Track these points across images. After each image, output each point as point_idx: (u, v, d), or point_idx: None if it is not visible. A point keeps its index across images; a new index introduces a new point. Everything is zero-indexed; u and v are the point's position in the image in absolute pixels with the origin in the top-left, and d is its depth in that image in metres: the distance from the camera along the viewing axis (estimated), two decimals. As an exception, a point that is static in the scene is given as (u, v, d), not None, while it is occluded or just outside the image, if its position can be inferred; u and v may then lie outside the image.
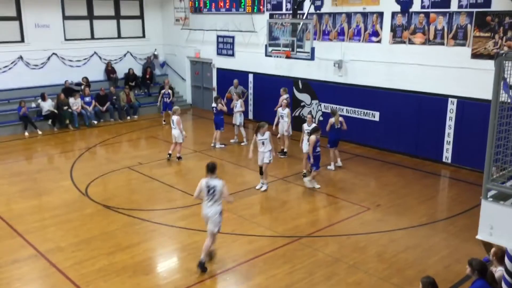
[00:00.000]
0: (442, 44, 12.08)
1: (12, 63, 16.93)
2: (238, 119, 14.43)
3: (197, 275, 7.23)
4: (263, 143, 10.49)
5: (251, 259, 7.73)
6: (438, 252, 7.98)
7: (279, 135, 13.35)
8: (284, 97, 13.69)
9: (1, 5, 16.52)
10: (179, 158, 12.89)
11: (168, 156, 13.00)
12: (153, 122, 17.40)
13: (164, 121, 17.22)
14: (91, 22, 18.81)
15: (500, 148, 4.38)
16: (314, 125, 11.75)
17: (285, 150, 13.27)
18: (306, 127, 11.47)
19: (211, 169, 7.44)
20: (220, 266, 7.54)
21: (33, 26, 17.20)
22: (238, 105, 14.42)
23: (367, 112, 13.84)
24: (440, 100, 12.23)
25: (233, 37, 17.64)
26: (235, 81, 16.20)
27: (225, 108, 14.09)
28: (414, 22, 12.54)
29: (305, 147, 11.20)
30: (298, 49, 13.29)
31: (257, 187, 10.80)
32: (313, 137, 10.55)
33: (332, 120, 11.93)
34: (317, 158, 10.66)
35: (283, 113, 13.07)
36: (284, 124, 13.06)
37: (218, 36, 18.20)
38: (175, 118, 12.77)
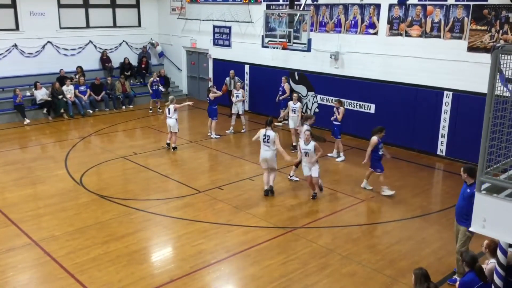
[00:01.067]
0: (439, 37, 12.08)
1: (6, 51, 16.78)
2: (240, 108, 14.60)
3: (191, 265, 7.26)
4: (306, 154, 9.57)
5: (245, 250, 7.76)
6: (431, 244, 8.04)
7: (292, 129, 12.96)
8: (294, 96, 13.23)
9: (-5, -8, 16.38)
10: (174, 148, 12.87)
11: (166, 145, 13.06)
12: (148, 112, 17.35)
13: (151, 109, 17.19)
14: (86, 10, 18.65)
15: (495, 142, 4.39)
16: (298, 103, 12.35)
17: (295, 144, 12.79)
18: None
19: (269, 123, 9.71)
20: (214, 256, 7.57)
21: (28, 14, 17.03)
22: (239, 95, 14.54)
23: (363, 105, 13.85)
24: (436, 93, 12.25)
25: (229, 28, 17.56)
26: (231, 72, 16.17)
27: (219, 93, 14.22)
28: (411, 15, 12.52)
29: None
30: (294, 41, 13.22)
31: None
32: (375, 138, 9.79)
33: (343, 109, 11.97)
34: (379, 159, 9.94)
35: (295, 107, 12.67)
36: (295, 118, 12.67)
37: (214, 26, 18.11)
38: (171, 107, 12.76)
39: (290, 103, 12.96)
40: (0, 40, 16.52)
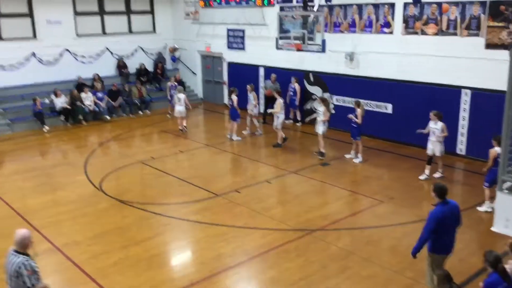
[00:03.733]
0: (455, 34, 11.92)
1: (25, 59, 17.09)
2: (254, 110, 14.56)
3: (210, 268, 7.28)
4: (433, 132, 10.57)
5: (263, 253, 7.75)
6: (452, 245, 7.92)
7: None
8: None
9: (13, 2, 16.68)
10: (182, 130, 14.86)
11: (180, 130, 14.93)
12: (164, 117, 17.46)
13: (169, 114, 17.31)
14: (102, 18, 18.90)
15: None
16: (323, 107, 11.96)
17: (322, 150, 12.50)
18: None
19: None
20: (233, 259, 7.58)
21: (45, 22, 17.32)
22: (251, 98, 14.46)
23: (379, 104, 13.74)
24: (454, 92, 12.09)
25: (243, 31, 17.60)
26: (273, 75, 15.95)
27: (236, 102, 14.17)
28: (427, 13, 12.39)
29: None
30: (309, 42, 13.23)
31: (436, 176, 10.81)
32: (496, 150, 8.71)
33: (360, 111, 11.83)
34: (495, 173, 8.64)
35: (319, 111, 12.29)
36: (321, 122, 12.28)
37: (228, 30, 18.17)
38: (182, 96, 14.88)
39: (316, 106, 12.52)
40: (19, 49, 16.82)
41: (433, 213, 6.14)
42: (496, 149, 8.66)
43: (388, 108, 13.57)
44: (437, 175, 10.86)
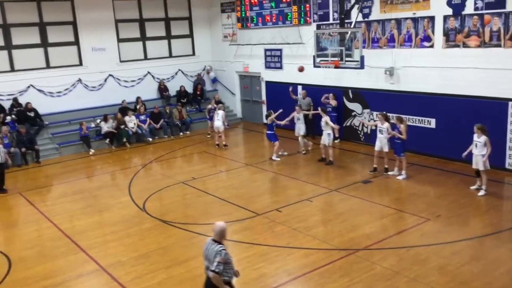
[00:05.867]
0: (499, 46, 11.57)
1: (72, 85, 17.85)
2: (302, 129, 14.42)
3: (254, 289, 7.23)
4: (476, 146, 10.42)
5: (307, 273, 7.63)
6: (504, 264, 7.56)
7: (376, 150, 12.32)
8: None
9: (61, 32, 17.52)
10: (225, 145, 15.49)
11: (216, 145, 15.78)
12: (204, 137, 17.69)
13: (209, 134, 17.52)
14: (144, 43, 19.55)
15: None
16: (387, 124, 11.79)
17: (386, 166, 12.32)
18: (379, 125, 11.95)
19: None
20: (276, 280, 7.50)
21: (90, 49, 18.10)
22: (301, 117, 14.36)
23: (422, 120, 13.44)
24: (500, 104, 11.68)
25: (280, 50, 17.73)
26: (303, 91, 16.26)
27: (278, 122, 14.15)
28: (468, 25, 12.11)
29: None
30: (347, 58, 13.15)
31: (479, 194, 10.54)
32: None
33: (403, 127, 11.62)
34: None
35: (383, 128, 11.94)
36: (382, 139, 11.98)
37: (265, 50, 18.36)
38: (220, 112, 15.74)
39: (378, 123, 12.21)
40: (66, 76, 17.63)
41: None
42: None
43: (432, 122, 13.25)
44: (481, 193, 10.46)
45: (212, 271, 5.42)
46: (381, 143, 12.07)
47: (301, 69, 15.32)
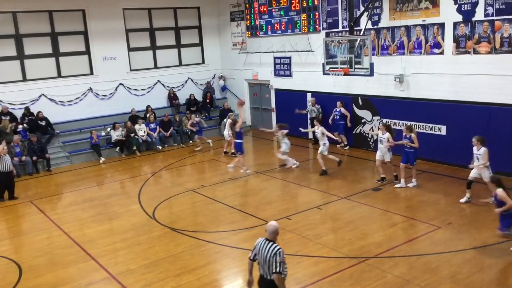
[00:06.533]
0: (510, 52, 11.49)
1: (83, 94, 18.02)
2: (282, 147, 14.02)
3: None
4: (477, 158, 10.19)
5: (317, 281, 7.58)
6: (518, 273, 7.45)
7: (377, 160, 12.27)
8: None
9: (72, 41, 17.74)
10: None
11: (224, 153, 16.03)
12: (214, 145, 17.72)
13: (198, 146, 17.45)
14: (154, 52, 19.71)
15: None
16: (387, 134, 11.75)
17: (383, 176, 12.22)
18: (380, 134, 11.96)
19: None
20: (286, 288, 7.45)
21: (101, 59, 18.29)
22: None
23: (432, 126, 13.35)
24: (511, 111, 11.56)
25: (289, 58, 17.77)
26: (313, 99, 16.28)
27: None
28: (478, 31, 12.04)
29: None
30: (356, 66, 13.13)
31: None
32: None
33: (414, 135, 11.49)
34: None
35: (383, 138, 11.93)
36: (382, 149, 11.94)
37: (275, 58, 18.41)
38: (228, 121, 15.43)
39: (379, 133, 12.13)
40: (78, 85, 17.82)
41: None
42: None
43: (442, 129, 13.15)
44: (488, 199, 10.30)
45: (276, 272, 5.53)
46: (382, 152, 12.04)
47: (241, 103, 14.52)
